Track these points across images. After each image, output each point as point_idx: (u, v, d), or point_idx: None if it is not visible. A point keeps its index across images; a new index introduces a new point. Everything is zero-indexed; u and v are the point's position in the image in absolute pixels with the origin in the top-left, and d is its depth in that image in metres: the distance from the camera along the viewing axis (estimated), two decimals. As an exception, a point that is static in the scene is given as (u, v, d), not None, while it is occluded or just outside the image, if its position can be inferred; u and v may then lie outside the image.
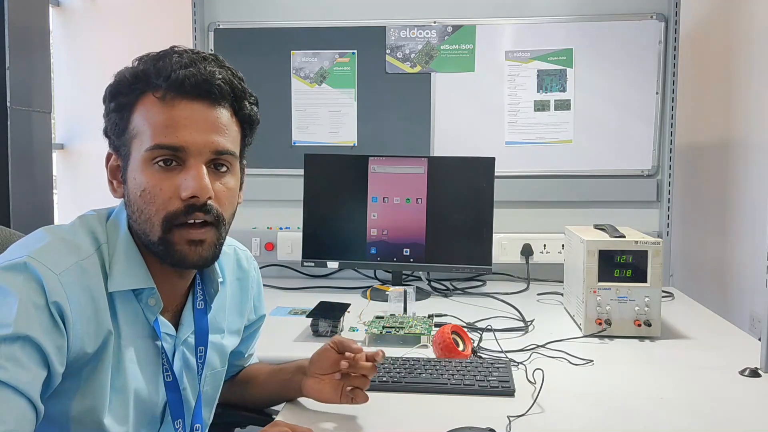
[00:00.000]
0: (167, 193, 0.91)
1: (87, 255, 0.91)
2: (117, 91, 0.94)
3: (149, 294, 0.96)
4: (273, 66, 2.44)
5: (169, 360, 0.99)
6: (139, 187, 0.92)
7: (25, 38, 2.59)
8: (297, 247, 2.32)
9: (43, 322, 0.83)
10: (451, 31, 2.40)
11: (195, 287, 1.05)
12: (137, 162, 0.92)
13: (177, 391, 1.00)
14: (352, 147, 2.45)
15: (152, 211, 0.91)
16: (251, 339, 1.31)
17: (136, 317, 0.96)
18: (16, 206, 2.51)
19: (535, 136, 2.39)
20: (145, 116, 0.92)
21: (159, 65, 0.92)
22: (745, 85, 2.32)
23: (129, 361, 0.94)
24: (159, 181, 0.91)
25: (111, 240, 0.95)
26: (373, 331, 1.63)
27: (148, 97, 0.92)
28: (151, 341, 0.98)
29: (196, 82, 0.91)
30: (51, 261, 0.87)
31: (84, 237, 0.93)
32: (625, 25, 2.34)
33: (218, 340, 1.11)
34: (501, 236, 2.33)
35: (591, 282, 1.69)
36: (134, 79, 0.93)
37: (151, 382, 0.98)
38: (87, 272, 0.90)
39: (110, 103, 0.95)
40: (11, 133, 2.49)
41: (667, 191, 2.35)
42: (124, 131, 0.94)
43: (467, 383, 1.31)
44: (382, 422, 1.04)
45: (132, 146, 0.93)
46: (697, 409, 1.25)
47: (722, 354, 1.57)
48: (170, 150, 0.91)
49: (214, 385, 1.13)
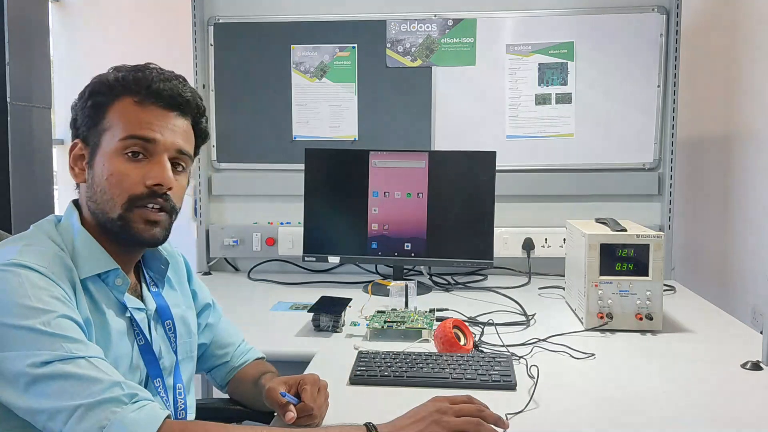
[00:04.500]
0: (133, 179, 1.05)
1: (54, 253, 1.02)
2: (97, 91, 1.07)
3: (115, 275, 1.07)
4: (273, 60, 2.44)
5: (140, 327, 1.10)
6: (107, 171, 1.05)
7: (25, 34, 2.59)
8: (298, 242, 2.32)
9: (65, 304, 0.95)
10: (451, 24, 2.39)
11: (143, 272, 1.16)
12: (107, 151, 1.05)
13: (151, 352, 1.11)
14: (352, 141, 2.44)
15: (116, 192, 1.04)
16: (213, 330, 1.34)
17: (108, 298, 1.07)
18: (17, 202, 2.51)
19: (536, 130, 2.39)
20: (120, 114, 1.06)
21: (139, 75, 1.07)
22: (747, 78, 2.31)
23: (108, 337, 1.04)
24: (126, 168, 1.05)
25: (66, 239, 1.06)
26: (375, 325, 1.63)
27: (126, 99, 1.06)
28: (123, 316, 1.08)
29: (170, 94, 1.07)
30: (34, 261, 0.97)
31: (45, 239, 1.05)
32: (627, 18, 2.33)
33: (180, 312, 1.20)
34: (502, 230, 2.33)
35: (592, 276, 1.69)
36: (115, 83, 1.06)
37: (129, 353, 1.08)
38: (62, 266, 1.01)
39: (88, 100, 1.07)
40: (11, 128, 2.49)
41: (668, 185, 2.35)
42: (96, 124, 1.06)
43: (469, 377, 1.31)
44: (384, 416, 1.04)
45: (102, 138, 1.06)
46: (699, 403, 1.25)
47: (724, 347, 1.57)
48: (142, 140, 1.05)
49: (188, 354, 1.22)
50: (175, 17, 2.65)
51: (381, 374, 1.33)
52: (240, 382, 1.34)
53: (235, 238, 2.47)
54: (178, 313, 1.19)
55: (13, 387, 0.90)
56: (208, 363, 1.35)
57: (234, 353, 1.36)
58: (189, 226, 2.50)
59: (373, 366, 1.36)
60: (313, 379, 1.14)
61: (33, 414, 0.90)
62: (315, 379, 1.15)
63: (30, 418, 0.90)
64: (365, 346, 1.55)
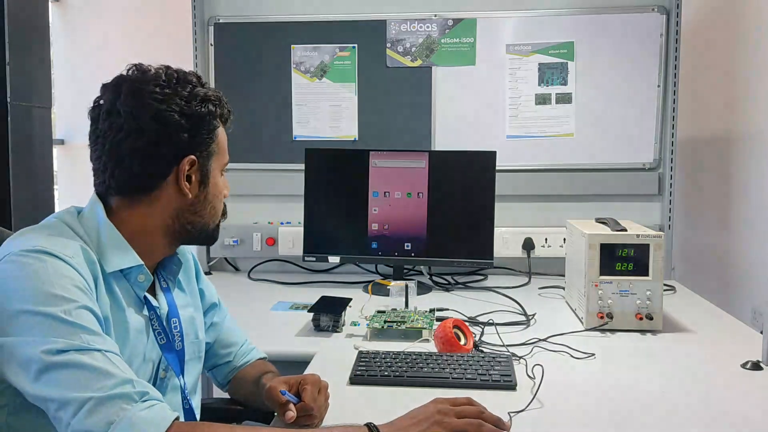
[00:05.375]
0: (223, 193, 1.20)
1: (78, 244, 1.02)
2: (210, 115, 1.13)
3: (138, 271, 1.09)
4: (273, 60, 2.43)
5: (162, 326, 1.12)
6: (218, 190, 1.17)
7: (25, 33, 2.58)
8: (298, 241, 2.32)
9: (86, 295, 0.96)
10: (451, 24, 2.39)
11: (156, 272, 1.17)
12: (216, 172, 1.16)
13: (173, 350, 1.13)
14: (352, 141, 2.44)
15: (219, 206, 1.19)
16: (217, 329, 1.35)
17: (129, 294, 1.08)
18: (17, 201, 2.51)
19: (537, 130, 2.39)
20: (220, 139, 1.17)
21: (224, 104, 1.17)
22: (747, 78, 2.31)
23: (126, 333, 1.05)
24: (222, 186, 1.19)
25: (89, 231, 1.06)
26: (375, 325, 1.63)
27: (220, 123, 1.17)
28: (141, 314, 1.10)
29: (232, 114, 1.21)
30: (60, 250, 0.97)
31: (68, 230, 1.05)
32: (627, 17, 2.33)
33: (188, 314, 1.21)
34: (502, 230, 2.33)
35: (593, 276, 1.69)
36: (217, 109, 1.14)
37: (143, 350, 1.09)
38: (86, 258, 1.01)
39: (202, 123, 1.12)
40: (11, 128, 2.48)
41: (668, 184, 2.35)
42: (207, 146, 1.14)
43: (469, 377, 1.31)
44: (384, 416, 1.04)
45: (212, 160, 1.15)
46: (699, 402, 1.25)
47: (724, 347, 1.57)
48: (227, 164, 1.21)
49: (195, 354, 1.23)
50: (175, 17, 2.65)
51: (381, 374, 1.33)
52: (241, 382, 1.34)
53: (236, 237, 2.47)
54: (186, 314, 1.20)
55: (25, 372, 0.89)
56: (211, 361, 1.35)
57: (237, 353, 1.37)
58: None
59: (373, 366, 1.36)
60: (314, 380, 1.14)
61: (44, 401, 0.89)
62: (316, 380, 1.15)
63: (42, 405, 0.90)
64: (365, 346, 1.55)
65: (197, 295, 1.29)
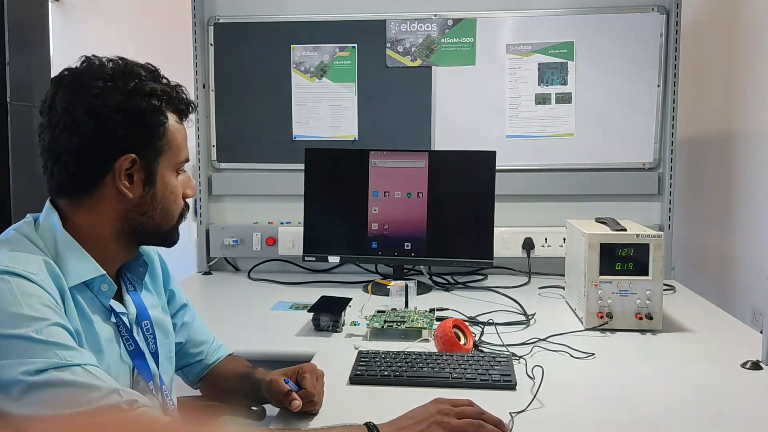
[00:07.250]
0: (179, 194, 1.14)
1: (41, 259, 1.00)
2: (150, 109, 1.05)
3: (101, 281, 1.06)
4: (273, 60, 2.43)
5: (130, 332, 1.10)
6: (169, 190, 1.11)
7: (25, 33, 2.59)
8: (298, 241, 2.32)
9: (55, 312, 0.94)
10: (451, 24, 2.39)
11: (122, 275, 1.16)
12: (166, 170, 1.10)
13: (141, 356, 1.12)
14: (352, 141, 2.44)
15: (174, 208, 1.13)
16: (188, 329, 1.34)
17: (94, 305, 1.06)
18: (17, 201, 2.51)
19: (536, 130, 2.39)
20: (172, 135, 1.09)
21: (178, 93, 1.10)
22: (747, 78, 2.31)
23: (98, 344, 1.04)
24: (177, 185, 1.13)
25: (47, 243, 1.03)
26: (375, 325, 1.63)
27: (171, 117, 1.09)
28: (109, 322, 1.08)
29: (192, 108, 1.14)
30: (22, 268, 0.95)
31: (28, 244, 1.02)
32: (626, 17, 2.33)
33: (156, 314, 1.20)
34: (502, 230, 2.33)
35: (592, 275, 1.69)
36: (163, 100, 1.07)
37: (116, 356, 1.08)
38: (50, 273, 0.99)
39: (141, 117, 1.05)
40: (11, 128, 2.49)
41: (668, 184, 2.35)
42: (151, 143, 1.07)
43: (469, 377, 1.31)
44: (384, 416, 1.04)
45: (161, 158, 1.09)
46: (699, 402, 1.25)
47: (724, 347, 1.57)
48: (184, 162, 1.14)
49: (167, 354, 1.22)
50: (175, 17, 2.65)
51: (381, 374, 1.33)
52: (218, 378, 1.35)
53: (235, 237, 2.47)
54: (155, 315, 1.19)
55: (7, 395, 0.87)
56: (182, 361, 1.34)
57: (208, 351, 1.36)
58: (189, 225, 2.50)
59: (373, 366, 1.36)
60: (311, 368, 1.20)
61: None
62: (313, 368, 1.21)
63: None
64: (365, 346, 1.55)
65: (163, 296, 1.27)
